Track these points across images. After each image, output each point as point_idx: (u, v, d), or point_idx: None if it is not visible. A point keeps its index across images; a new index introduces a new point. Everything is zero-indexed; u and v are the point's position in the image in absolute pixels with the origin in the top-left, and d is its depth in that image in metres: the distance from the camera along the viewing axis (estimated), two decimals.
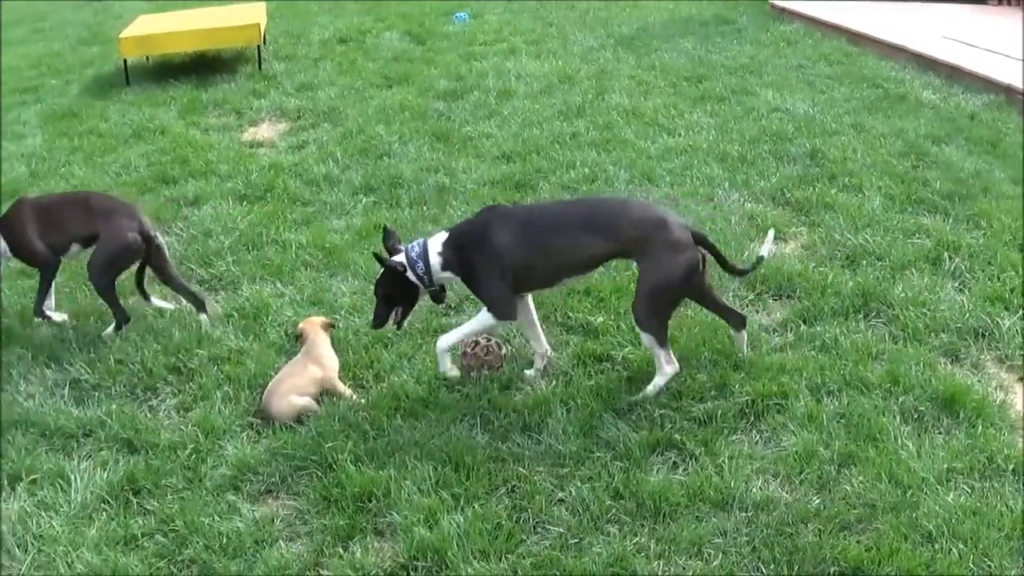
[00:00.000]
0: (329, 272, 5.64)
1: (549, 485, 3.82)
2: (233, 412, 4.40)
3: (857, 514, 3.59)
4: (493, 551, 3.49)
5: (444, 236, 4.46)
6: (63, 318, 5.24)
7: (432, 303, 4.78)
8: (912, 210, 5.99)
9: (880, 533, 3.48)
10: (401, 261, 4.43)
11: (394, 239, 4.58)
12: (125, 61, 10.01)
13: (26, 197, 5.45)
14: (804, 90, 8.46)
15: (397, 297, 4.50)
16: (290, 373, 4.45)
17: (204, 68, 10.14)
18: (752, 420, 4.15)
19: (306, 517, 3.78)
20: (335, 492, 3.82)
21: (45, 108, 9.35)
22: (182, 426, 4.35)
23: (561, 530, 3.60)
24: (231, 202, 6.66)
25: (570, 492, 3.77)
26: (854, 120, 7.62)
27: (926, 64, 8.99)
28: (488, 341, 4.58)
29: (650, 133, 7.56)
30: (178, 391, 4.61)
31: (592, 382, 4.44)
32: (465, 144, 7.58)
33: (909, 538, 3.44)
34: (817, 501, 3.66)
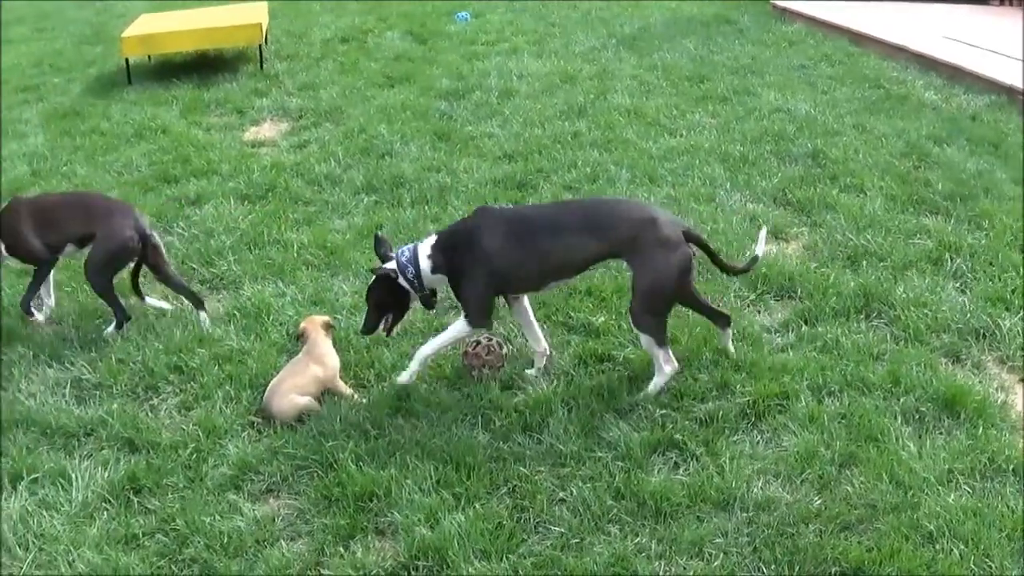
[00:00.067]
0: (330, 272, 5.65)
1: (550, 485, 3.83)
2: (234, 411, 4.40)
3: (858, 514, 3.59)
4: (494, 551, 3.50)
5: (433, 239, 4.46)
6: (41, 320, 5.19)
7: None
8: (913, 210, 5.99)
9: (881, 533, 3.49)
10: (392, 267, 4.43)
11: (386, 246, 4.58)
12: (127, 60, 10.00)
13: (20, 197, 5.45)
14: (806, 90, 8.46)
15: (388, 303, 4.50)
16: (291, 372, 4.45)
17: (206, 67, 10.13)
18: (753, 420, 4.15)
19: (307, 516, 3.78)
20: (336, 491, 3.83)
21: (47, 107, 9.34)
22: (183, 425, 4.35)
23: (562, 530, 3.60)
24: (233, 201, 6.66)
25: (571, 492, 3.77)
26: (856, 120, 7.61)
27: (927, 64, 8.98)
28: (489, 340, 4.57)
29: (652, 133, 7.55)
30: (179, 390, 4.61)
31: (593, 382, 4.44)
32: (467, 144, 7.57)
33: (910, 539, 3.44)
34: (818, 501, 3.66)
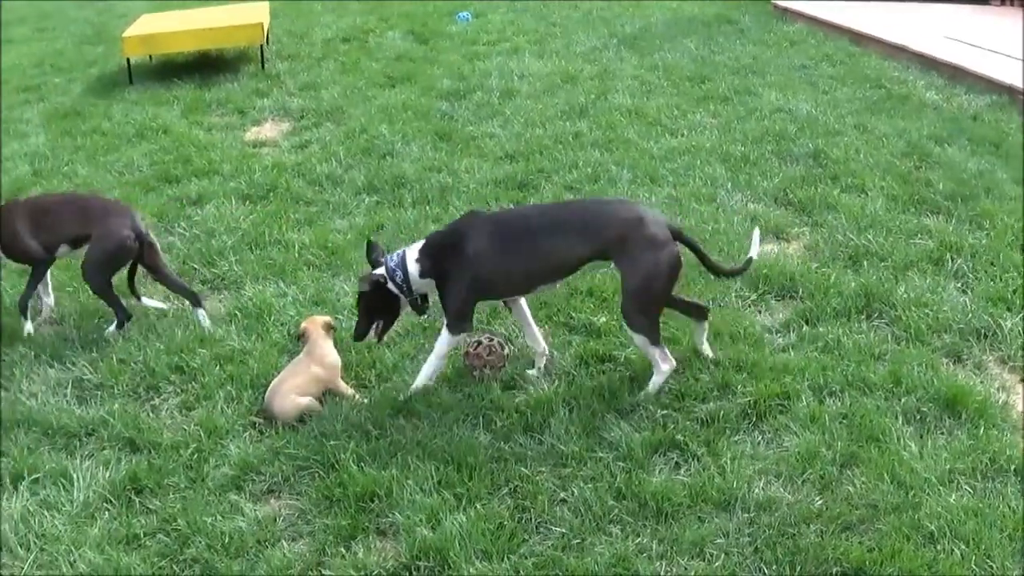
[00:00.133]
0: (332, 272, 5.65)
1: (551, 485, 3.82)
2: (236, 412, 4.40)
3: (859, 515, 3.59)
4: (495, 551, 3.49)
5: (421, 243, 4.46)
6: (30, 328, 5.16)
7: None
8: (915, 211, 5.99)
9: (882, 534, 3.48)
10: (382, 273, 4.43)
11: (378, 252, 4.57)
12: (128, 60, 10.00)
13: (16, 199, 5.44)
14: (807, 90, 8.45)
15: (378, 309, 4.50)
16: (292, 372, 4.45)
17: (207, 67, 10.14)
18: (754, 421, 4.15)
19: (308, 517, 3.78)
20: (337, 492, 3.83)
21: (48, 107, 9.35)
22: (184, 425, 4.35)
23: (563, 530, 3.60)
24: (234, 201, 6.67)
25: (572, 492, 3.77)
26: (857, 120, 7.61)
27: (929, 64, 8.98)
28: (491, 341, 4.57)
29: (653, 133, 7.55)
30: (181, 390, 4.61)
31: (595, 382, 4.44)
32: (468, 144, 7.58)
33: (911, 539, 3.44)
34: (819, 502, 3.66)
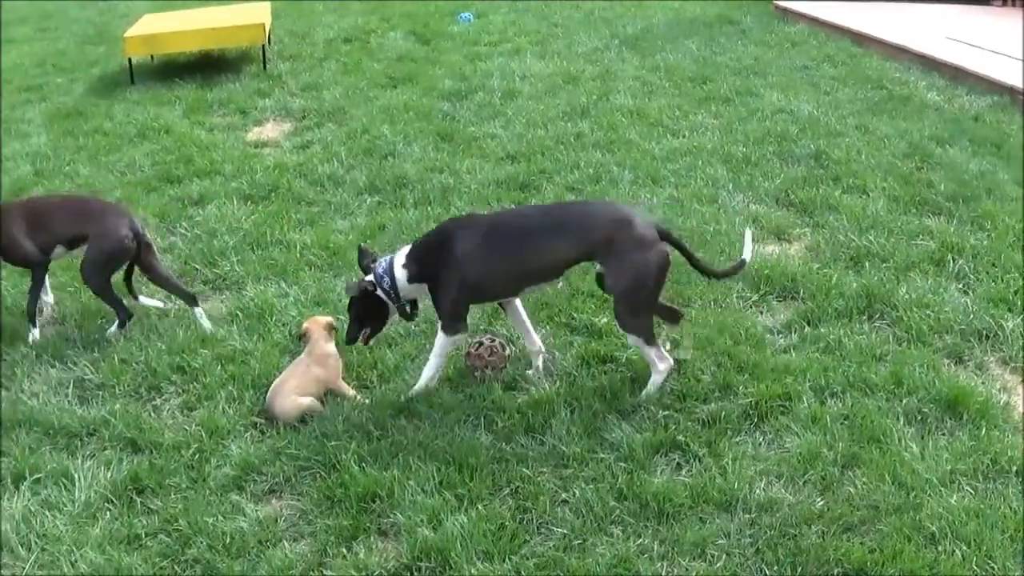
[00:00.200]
0: (333, 272, 5.65)
1: (553, 486, 3.82)
2: (237, 412, 4.40)
3: (861, 516, 3.59)
4: (497, 552, 3.50)
5: (408, 248, 4.46)
6: (37, 336, 5.12)
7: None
8: (916, 211, 5.99)
9: (883, 535, 3.48)
10: (370, 279, 4.43)
11: (369, 258, 4.57)
12: (130, 60, 10.01)
13: (12, 201, 5.44)
14: (808, 91, 8.46)
15: (367, 315, 4.50)
16: (294, 373, 4.45)
17: (209, 67, 10.14)
18: (756, 421, 4.15)
19: (310, 517, 3.78)
20: (339, 492, 3.83)
21: (50, 107, 9.35)
22: (186, 426, 4.35)
23: (565, 531, 3.60)
24: (236, 202, 6.67)
25: (574, 493, 3.77)
26: (858, 121, 7.61)
27: (930, 65, 8.98)
28: (492, 341, 4.57)
29: (654, 134, 7.55)
30: (182, 391, 4.61)
31: (596, 383, 4.44)
32: (469, 144, 7.58)
33: (912, 540, 3.44)
34: (821, 502, 3.66)
